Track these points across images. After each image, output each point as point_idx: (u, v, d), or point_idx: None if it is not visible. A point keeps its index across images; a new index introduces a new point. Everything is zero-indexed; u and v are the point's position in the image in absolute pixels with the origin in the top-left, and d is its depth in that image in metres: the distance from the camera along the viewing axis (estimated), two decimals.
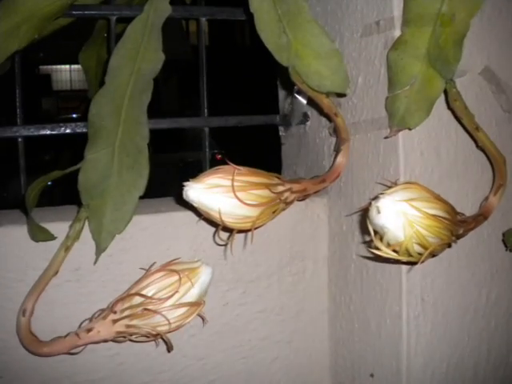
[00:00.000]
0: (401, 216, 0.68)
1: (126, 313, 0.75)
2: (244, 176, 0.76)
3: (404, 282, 0.84)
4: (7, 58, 0.82)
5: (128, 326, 0.75)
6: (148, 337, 0.77)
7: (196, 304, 0.76)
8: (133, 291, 0.77)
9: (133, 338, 0.77)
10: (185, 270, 0.77)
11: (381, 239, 0.71)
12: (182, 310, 0.76)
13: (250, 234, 0.76)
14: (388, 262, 0.81)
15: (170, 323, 0.74)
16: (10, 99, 0.95)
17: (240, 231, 0.79)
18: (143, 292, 0.76)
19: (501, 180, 0.83)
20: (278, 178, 0.80)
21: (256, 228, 0.78)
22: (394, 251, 0.71)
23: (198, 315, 0.78)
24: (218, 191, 0.74)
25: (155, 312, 0.74)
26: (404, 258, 0.72)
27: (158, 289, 0.76)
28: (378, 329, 0.89)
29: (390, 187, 0.71)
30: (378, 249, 0.71)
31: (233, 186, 0.73)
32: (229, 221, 0.75)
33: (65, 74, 10.07)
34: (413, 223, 0.69)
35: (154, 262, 0.79)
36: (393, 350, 0.87)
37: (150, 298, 0.75)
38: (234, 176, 0.74)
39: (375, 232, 0.71)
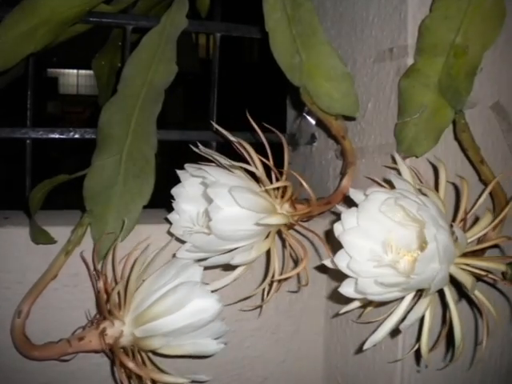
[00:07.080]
0: None
1: None
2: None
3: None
4: (22, 59, 0.83)
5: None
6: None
7: None
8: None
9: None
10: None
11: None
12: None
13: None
14: None
15: None
16: (19, 100, 0.95)
17: None
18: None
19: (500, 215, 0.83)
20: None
21: None
22: None
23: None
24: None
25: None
26: None
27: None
28: (373, 355, 0.88)
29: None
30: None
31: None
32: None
33: (72, 79, 10.09)
34: None
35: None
36: (387, 377, 0.86)
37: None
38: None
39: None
